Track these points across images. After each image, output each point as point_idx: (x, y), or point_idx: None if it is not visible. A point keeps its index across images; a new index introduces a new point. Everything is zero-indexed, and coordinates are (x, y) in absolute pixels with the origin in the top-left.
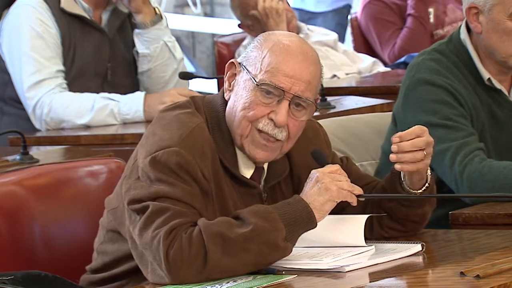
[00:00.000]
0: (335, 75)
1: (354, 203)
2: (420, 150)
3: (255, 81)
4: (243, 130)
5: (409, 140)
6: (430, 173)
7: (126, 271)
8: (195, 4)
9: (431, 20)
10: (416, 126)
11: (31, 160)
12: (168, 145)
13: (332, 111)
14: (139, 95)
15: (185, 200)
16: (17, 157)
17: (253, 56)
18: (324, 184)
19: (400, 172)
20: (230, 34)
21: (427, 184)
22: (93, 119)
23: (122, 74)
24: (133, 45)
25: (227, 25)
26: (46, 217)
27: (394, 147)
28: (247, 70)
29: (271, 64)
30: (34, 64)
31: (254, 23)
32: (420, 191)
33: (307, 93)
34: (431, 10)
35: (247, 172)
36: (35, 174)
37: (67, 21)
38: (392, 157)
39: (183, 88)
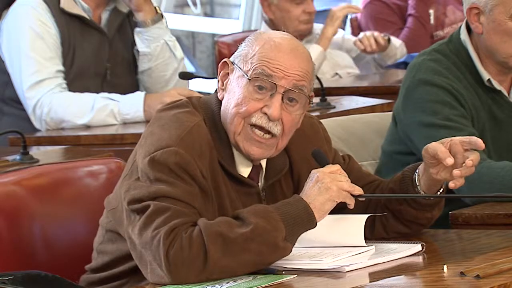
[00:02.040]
0: (336, 73)
1: (351, 206)
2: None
3: (247, 76)
4: (236, 126)
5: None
6: None
7: (125, 270)
8: (195, 4)
9: (431, 21)
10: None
11: (31, 160)
12: (166, 145)
13: (332, 111)
14: (139, 95)
15: (185, 199)
16: (17, 157)
17: (244, 53)
18: (324, 184)
19: (413, 176)
20: (230, 34)
21: (441, 189)
22: (93, 119)
23: (121, 74)
24: (133, 45)
25: (227, 25)
26: (46, 217)
27: (469, 162)
28: (239, 67)
29: (262, 58)
30: (33, 64)
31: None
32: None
33: (299, 86)
34: (431, 11)
35: (244, 170)
36: (35, 174)
37: (67, 21)
38: (457, 173)
39: (183, 88)
